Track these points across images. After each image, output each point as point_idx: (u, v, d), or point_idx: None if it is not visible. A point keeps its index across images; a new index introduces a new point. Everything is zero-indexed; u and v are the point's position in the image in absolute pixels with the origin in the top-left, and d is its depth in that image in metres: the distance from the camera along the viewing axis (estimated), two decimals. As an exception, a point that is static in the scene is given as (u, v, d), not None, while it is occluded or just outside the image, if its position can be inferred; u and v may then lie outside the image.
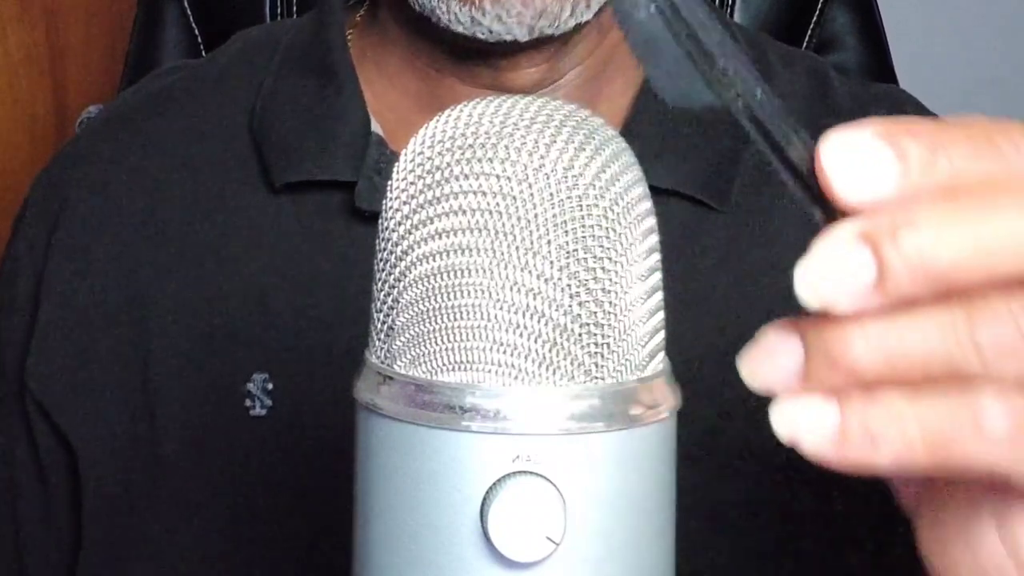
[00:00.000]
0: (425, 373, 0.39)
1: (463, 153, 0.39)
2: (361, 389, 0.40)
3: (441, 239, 0.39)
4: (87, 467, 0.73)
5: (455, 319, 0.39)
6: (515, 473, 0.38)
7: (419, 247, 0.39)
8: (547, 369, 0.38)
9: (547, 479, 0.38)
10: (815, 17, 1.02)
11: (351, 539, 0.41)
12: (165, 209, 0.75)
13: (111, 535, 0.73)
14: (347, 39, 0.77)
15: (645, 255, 0.40)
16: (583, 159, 0.39)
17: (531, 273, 0.38)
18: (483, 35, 0.68)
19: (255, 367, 0.71)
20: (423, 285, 0.39)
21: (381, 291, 0.41)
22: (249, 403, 0.70)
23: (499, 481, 0.37)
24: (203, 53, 1.04)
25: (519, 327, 0.38)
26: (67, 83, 1.48)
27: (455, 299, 0.39)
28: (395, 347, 0.40)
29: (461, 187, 0.39)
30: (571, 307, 0.38)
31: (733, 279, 0.70)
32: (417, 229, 0.39)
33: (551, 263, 0.38)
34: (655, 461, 0.40)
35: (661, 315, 0.41)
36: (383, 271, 0.41)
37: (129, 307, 0.74)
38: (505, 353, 0.38)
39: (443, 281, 0.39)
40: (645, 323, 0.40)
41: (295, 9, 1.04)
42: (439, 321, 0.39)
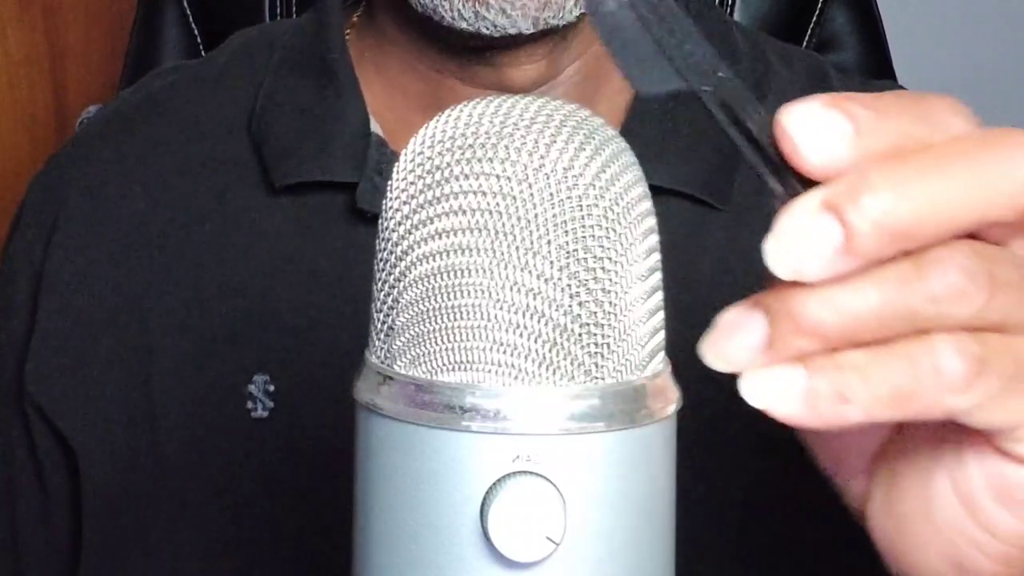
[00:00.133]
0: (425, 373, 0.39)
1: (463, 153, 0.39)
2: (361, 389, 0.40)
3: (441, 239, 0.39)
4: (87, 469, 0.73)
5: (455, 319, 0.39)
6: (515, 473, 0.38)
7: (419, 247, 0.39)
8: (547, 369, 0.38)
9: (547, 479, 0.37)
10: (815, 17, 1.02)
11: (351, 539, 0.41)
12: (164, 211, 0.75)
13: (111, 537, 0.73)
14: (346, 39, 0.77)
15: (645, 255, 0.40)
16: (583, 159, 0.39)
17: (531, 273, 0.38)
18: (487, 30, 0.68)
19: (256, 369, 0.71)
20: (423, 285, 0.39)
21: (381, 291, 0.41)
22: (250, 405, 0.70)
23: (499, 481, 0.37)
24: (203, 53, 1.04)
25: (519, 327, 0.38)
26: (67, 83, 1.48)
27: (455, 299, 0.39)
28: (395, 347, 0.40)
29: (461, 187, 0.39)
30: (571, 307, 0.38)
31: (734, 278, 0.70)
32: (417, 229, 0.39)
33: (551, 263, 0.38)
34: (655, 461, 0.40)
35: (661, 315, 0.41)
36: (383, 271, 0.41)
37: (129, 309, 0.74)
38: (505, 353, 0.38)
39: (443, 281, 0.39)
40: (645, 323, 0.40)
41: (295, 9, 1.04)
42: (439, 321, 0.39)
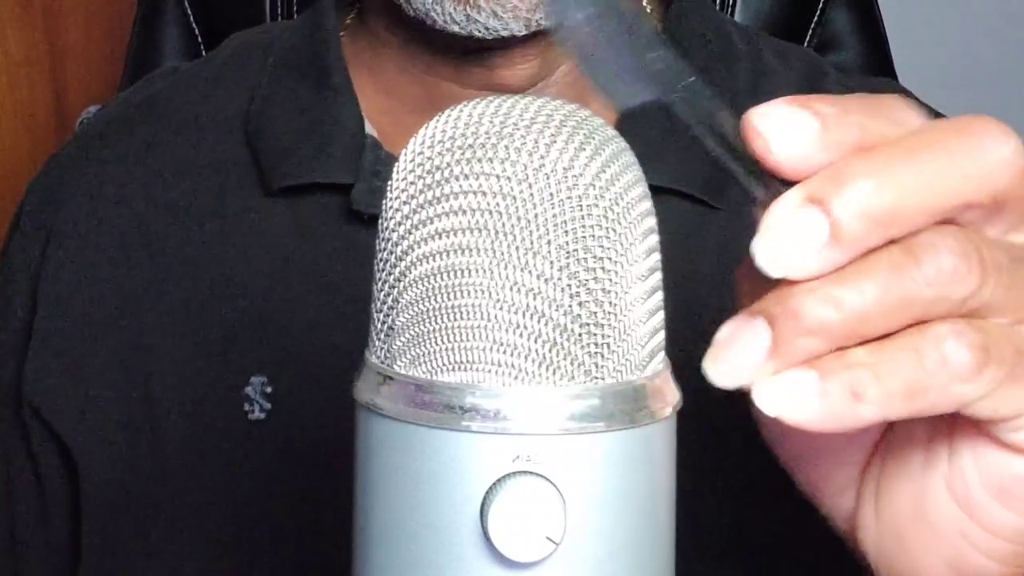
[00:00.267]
0: (425, 373, 0.39)
1: (463, 153, 0.39)
2: (361, 389, 0.40)
3: (441, 239, 0.39)
4: (86, 473, 0.73)
5: (455, 319, 0.39)
6: (515, 473, 0.37)
7: (419, 247, 0.39)
8: (547, 369, 0.38)
9: (547, 479, 0.37)
10: (816, 17, 1.02)
11: (351, 539, 0.41)
12: (161, 214, 0.75)
13: (110, 539, 0.73)
14: (341, 42, 0.77)
15: (645, 255, 0.40)
16: (583, 159, 0.39)
17: (531, 273, 0.38)
18: (479, 32, 0.68)
19: (253, 370, 0.71)
20: (423, 285, 0.39)
21: (381, 291, 0.41)
22: (248, 407, 0.70)
23: (499, 481, 0.37)
24: (203, 53, 1.04)
25: (519, 327, 0.38)
26: (67, 83, 1.48)
27: (455, 299, 0.39)
28: (395, 347, 0.40)
29: (461, 187, 0.39)
30: (571, 307, 0.38)
31: (732, 277, 0.70)
32: (417, 229, 0.39)
33: (551, 263, 0.38)
34: (656, 461, 0.40)
35: (661, 315, 0.41)
36: (383, 271, 0.41)
37: (127, 311, 0.74)
38: (505, 353, 0.38)
39: (443, 281, 0.39)
40: (645, 323, 0.40)
41: (295, 9, 1.04)
42: (439, 321, 0.39)
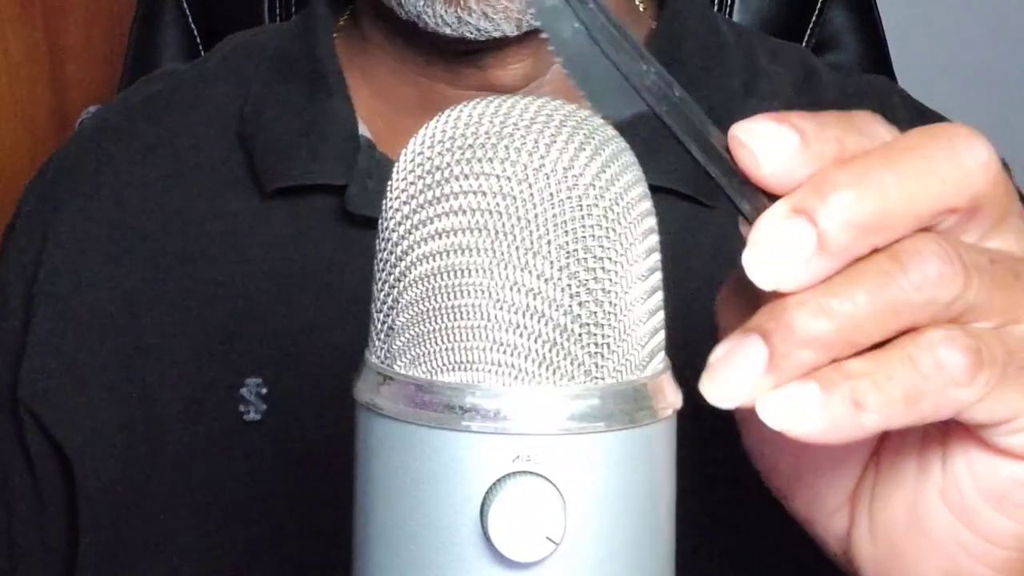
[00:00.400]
0: (425, 373, 0.39)
1: (463, 153, 0.39)
2: (361, 389, 0.40)
3: (441, 239, 0.39)
4: (82, 475, 0.73)
5: (455, 319, 0.39)
6: (515, 473, 0.38)
7: (419, 247, 0.39)
8: (547, 369, 0.38)
9: (547, 479, 0.37)
10: (815, 17, 1.02)
11: (351, 539, 0.41)
12: (156, 216, 0.75)
13: (108, 541, 0.73)
14: (334, 44, 0.77)
15: (645, 255, 0.40)
16: (583, 159, 0.39)
17: (531, 273, 0.38)
18: (471, 34, 0.68)
19: (249, 372, 0.71)
20: (423, 285, 0.39)
21: (381, 291, 0.41)
22: (243, 408, 0.70)
23: (499, 481, 0.37)
24: (202, 53, 1.04)
25: (519, 327, 0.38)
26: (67, 83, 1.48)
27: (455, 299, 0.39)
28: (395, 347, 0.40)
29: (461, 187, 0.39)
30: (571, 307, 0.38)
31: (725, 276, 0.70)
32: (417, 229, 0.39)
33: (551, 263, 0.38)
34: (656, 461, 0.40)
35: (661, 315, 0.41)
36: (383, 271, 0.41)
37: (122, 314, 0.74)
38: (505, 353, 0.38)
39: (443, 281, 0.39)
40: (645, 323, 0.40)
41: (294, 9, 1.04)
42: (439, 321, 0.39)
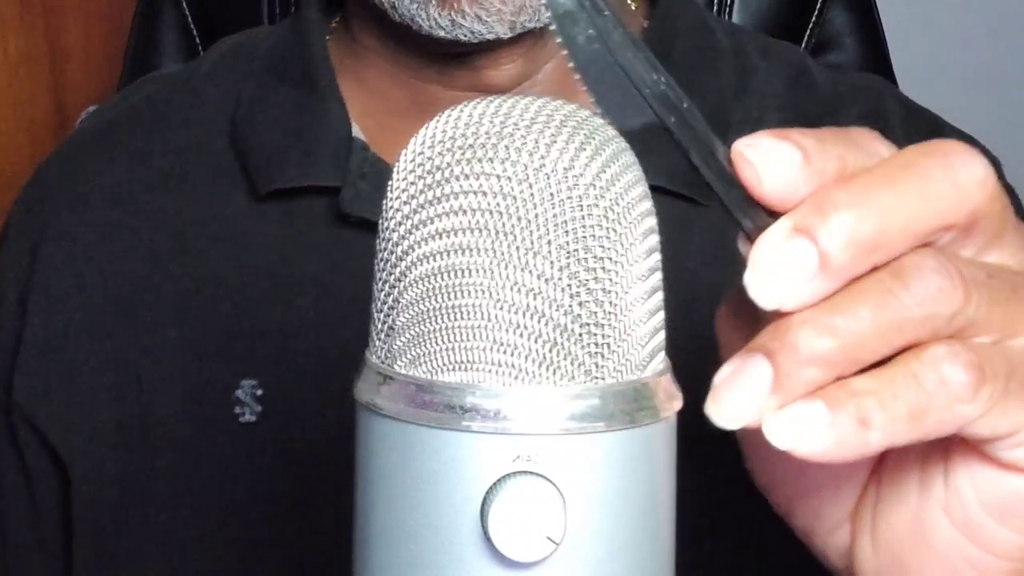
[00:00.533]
0: (425, 373, 0.39)
1: (463, 153, 0.39)
2: (361, 389, 0.40)
3: (441, 239, 0.39)
4: (78, 480, 0.73)
5: (455, 319, 0.39)
6: (515, 473, 0.38)
7: (419, 247, 0.39)
8: (547, 369, 0.38)
9: (547, 479, 0.37)
10: (814, 17, 1.02)
11: (351, 539, 0.41)
12: (149, 220, 0.75)
13: (103, 545, 0.73)
14: (327, 46, 0.77)
15: (645, 255, 0.40)
16: (583, 159, 0.39)
17: (531, 273, 0.38)
18: (465, 37, 0.68)
19: (244, 374, 0.71)
20: (423, 285, 0.39)
21: (381, 291, 0.41)
22: (239, 410, 0.70)
23: (499, 481, 0.37)
24: (201, 54, 1.04)
25: (519, 327, 0.38)
26: (67, 83, 1.48)
27: (455, 299, 0.39)
28: (395, 347, 0.40)
29: (461, 187, 0.39)
30: (571, 307, 0.38)
31: (721, 274, 0.70)
32: (417, 229, 0.39)
33: (551, 263, 0.38)
34: (656, 461, 0.40)
35: (661, 315, 0.41)
36: (383, 271, 0.41)
37: (117, 318, 0.74)
38: (505, 353, 0.38)
39: (443, 281, 0.39)
40: (645, 323, 0.40)
41: (293, 10, 1.04)
42: (439, 321, 0.39)
